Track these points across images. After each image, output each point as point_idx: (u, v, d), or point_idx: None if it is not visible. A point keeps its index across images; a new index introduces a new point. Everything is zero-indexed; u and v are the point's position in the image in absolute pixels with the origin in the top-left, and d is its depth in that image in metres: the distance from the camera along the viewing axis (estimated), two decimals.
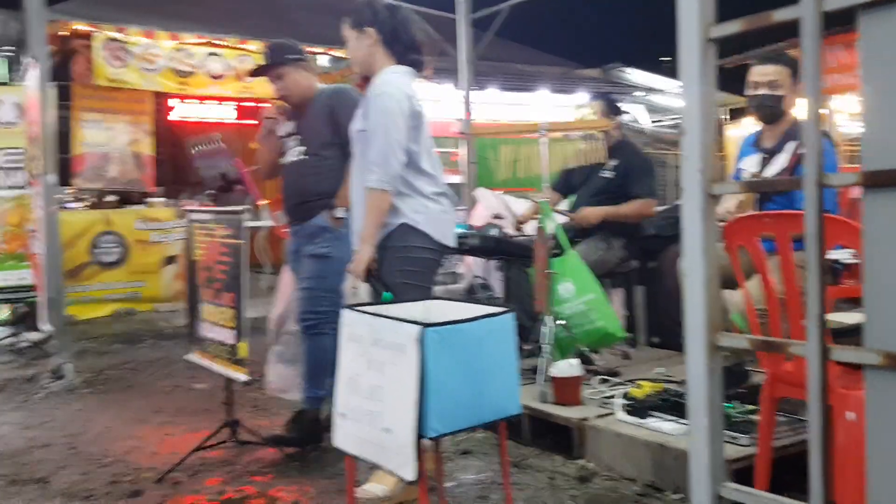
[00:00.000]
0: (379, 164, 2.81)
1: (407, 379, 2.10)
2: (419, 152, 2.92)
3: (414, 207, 2.90)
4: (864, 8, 0.83)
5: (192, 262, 3.88)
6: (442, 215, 2.97)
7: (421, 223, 2.89)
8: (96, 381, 5.03)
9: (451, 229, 3.04)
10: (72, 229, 6.84)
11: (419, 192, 2.92)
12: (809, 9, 0.86)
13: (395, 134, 2.81)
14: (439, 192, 2.98)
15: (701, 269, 1.01)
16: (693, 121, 1.02)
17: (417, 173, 2.93)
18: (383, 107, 2.84)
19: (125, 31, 7.26)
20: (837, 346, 0.86)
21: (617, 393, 3.29)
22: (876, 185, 0.84)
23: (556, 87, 10.61)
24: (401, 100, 2.85)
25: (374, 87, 2.92)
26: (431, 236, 2.92)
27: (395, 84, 2.89)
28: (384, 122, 2.82)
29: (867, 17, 0.84)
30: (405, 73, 2.98)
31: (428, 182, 2.95)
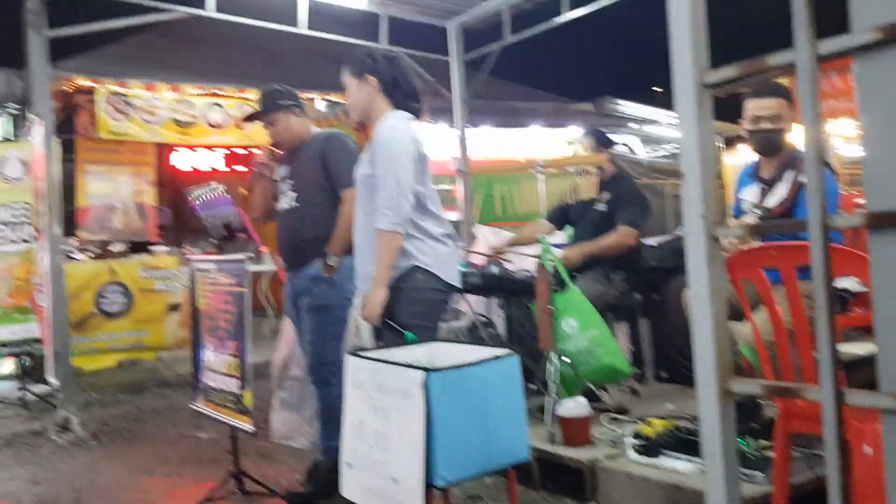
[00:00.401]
0: (390, 207, 2.83)
1: (413, 425, 2.08)
2: (426, 194, 2.96)
3: (423, 250, 2.92)
4: (859, 51, 0.84)
5: (195, 310, 3.87)
6: (450, 256, 3.00)
7: (431, 265, 2.92)
8: (102, 432, 4.99)
9: (457, 269, 3.06)
10: (76, 281, 6.85)
11: (428, 233, 2.95)
12: (805, 53, 0.86)
13: (404, 177, 2.85)
14: (446, 234, 3.02)
15: (709, 313, 1.00)
16: (693, 165, 1.02)
17: (425, 215, 2.96)
18: (392, 151, 2.87)
19: (127, 85, 7.36)
20: (852, 391, 0.85)
21: (627, 431, 3.25)
22: (881, 226, 0.83)
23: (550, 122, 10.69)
24: (408, 143, 2.90)
25: (381, 132, 2.95)
26: (441, 277, 2.94)
27: (401, 129, 2.93)
28: (394, 166, 2.85)
29: (862, 60, 0.84)
30: (407, 119, 3.02)
31: (435, 223, 2.98)
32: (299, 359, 4.34)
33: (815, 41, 0.86)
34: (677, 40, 1.00)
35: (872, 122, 0.84)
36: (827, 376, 0.84)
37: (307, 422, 4.30)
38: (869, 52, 0.83)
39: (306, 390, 4.30)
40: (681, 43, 1.00)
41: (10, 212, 6.38)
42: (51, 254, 5.17)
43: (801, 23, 0.87)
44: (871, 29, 0.82)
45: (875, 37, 0.82)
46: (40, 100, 5.21)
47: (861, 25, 0.84)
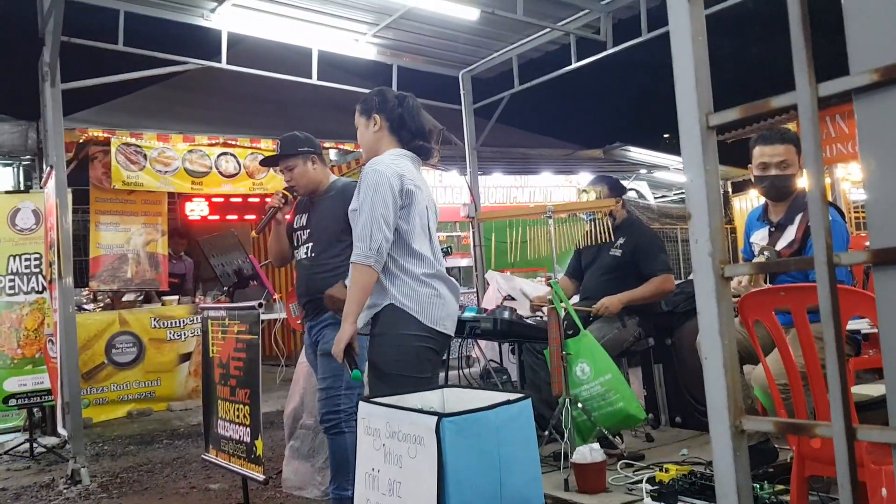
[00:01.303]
0: (362, 238, 2.75)
1: (426, 472, 2.06)
2: (410, 231, 2.87)
3: (402, 290, 2.81)
4: (858, 92, 0.86)
5: (207, 358, 3.88)
6: (434, 299, 2.85)
7: (410, 307, 2.79)
8: (112, 484, 4.96)
9: (446, 314, 2.89)
10: (88, 331, 6.88)
11: (408, 273, 2.84)
12: (805, 94, 0.89)
13: (380, 209, 2.77)
14: (430, 274, 2.88)
15: (719, 351, 1.01)
16: (699, 205, 1.03)
17: (407, 254, 2.86)
18: (371, 182, 2.82)
19: (140, 136, 7.49)
20: (864, 427, 0.85)
21: (643, 478, 3.21)
22: (885, 262, 0.84)
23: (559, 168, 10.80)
24: (391, 176, 2.83)
25: (367, 165, 2.93)
26: (421, 321, 2.80)
27: (385, 163, 2.88)
28: (371, 197, 2.79)
29: (861, 101, 0.86)
30: (403, 156, 2.99)
31: (418, 264, 2.86)
32: (311, 408, 4.32)
33: (814, 83, 0.89)
34: (681, 83, 1.03)
35: (873, 160, 0.86)
36: (837, 411, 0.84)
37: (319, 471, 4.26)
38: (867, 93, 0.86)
39: (318, 439, 4.27)
40: (685, 86, 1.03)
41: (22, 262, 6.45)
42: (62, 304, 5.21)
43: (801, 65, 0.89)
44: (868, 71, 0.85)
45: (872, 79, 0.84)
46: (54, 151, 5.32)
47: (858, 68, 0.86)
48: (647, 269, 4.27)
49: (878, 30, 0.84)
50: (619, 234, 4.42)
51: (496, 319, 4.11)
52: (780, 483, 2.89)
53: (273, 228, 3.75)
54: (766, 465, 3.17)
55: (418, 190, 2.93)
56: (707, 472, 3.10)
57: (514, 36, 6.62)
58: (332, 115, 8.69)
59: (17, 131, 7.56)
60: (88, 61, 5.83)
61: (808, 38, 0.90)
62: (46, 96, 5.37)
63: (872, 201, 0.87)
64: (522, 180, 10.49)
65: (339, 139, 8.34)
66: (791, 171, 3.28)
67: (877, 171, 0.86)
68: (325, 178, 3.72)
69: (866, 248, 0.88)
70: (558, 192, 10.45)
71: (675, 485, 3.02)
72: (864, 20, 0.86)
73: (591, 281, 4.52)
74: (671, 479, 3.07)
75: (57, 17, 4.96)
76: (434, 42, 6.65)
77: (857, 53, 0.87)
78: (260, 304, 3.39)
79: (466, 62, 7.19)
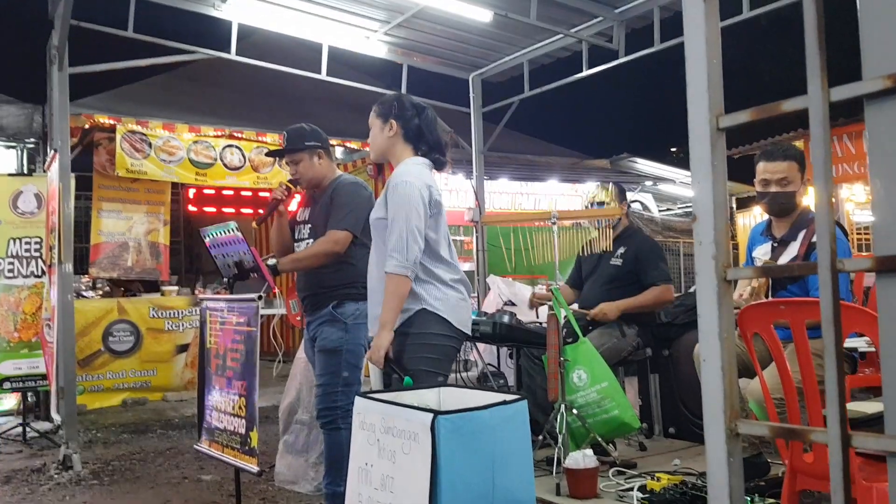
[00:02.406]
0: (399, 250, 2.83)
1: (419, 468, 2.06)
2: (438, 240, 2.96)
3: (434, 294, 2.91)
4: (870, 98, 0.86)
5: (204, 349, 3.88)
6: (460, 303, 2.98)
7: (441, 310, 2.90)
8: (104, 471, 4.95)
9: (468, 316, 3.04)
10: (85, 317, 6.89)
11: (438, 279, 2.94)
12: (817, 98, 0.89)
13: (415, 221, 2.85)
14: (457, 279, 3.00)
15: (717, 354, 1.01)
16: (705, 207, 1.03)
17: (436, 261, 2.96)
18: (404, 194, 2.88)
19: (146, 124, 7.50)
20: (859, 434, 0.84)
21: (634, 486, 3.20)
22: (889, 269, 0.84)
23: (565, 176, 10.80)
24: (421, 188, 2.90)
25: (395, 176, 2.98)
26: (452, 323, 2.92)
27: (415, 174, 2.95)
28: (405, 209, 2.86)
29: (872, 107, 0.86)
30: (424, 164, 3.05)
31: (447, 270, 2.98)
32: (307, 403, 4.32)
33: (826, 87, 0.89)
34: (693, 84, 1.03)
35: (881, 166, 0.86)
36: (834, 416, 0.84)
37: (312, 467, 4.26)
38: (879, 99, 0.86)
39: (312, 435, 4.27)
40: (696, 87, 1.02)
41: (23, 246, 6.45)
42: (61, 289, 5.21)
43: (814, 70, 0.89)
44: (881, 77, 0.84)
45: (885, 85, 0.84)
46: (59, 135, 5.32)
47: (871, 73, 0.86)
48: (646, 279, 4.28)
49: (893, 35, 0.84)
50: (619, 243, 4.42)
51: (496, 323, 4.11)
52: (770, 497, 2.89)
53: (276, 220, 3.75)
54: (758, 478, 3.16)
55: (442, 199, 3.04)
56: (698, 483, 3.10)
57: (526, 40, 6.62)
58: (339, 112, 8.70)
59: (23, 114, 7.57)
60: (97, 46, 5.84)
61: (823, 44, 0.90)
62: (53, 80, 5.37)
63: (879, 208, 0.87)
64: (528, 187, 10.49)
65: (347, 137, 8.34)
66: (792, 188, 3.28)
67: (885, 178, 0.86)
68: (330, 173, 3.71)
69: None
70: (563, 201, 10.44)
71: (666, 494, 3.02)
72: (878, 25, 0.86)
73: (590, 290, 4.51)
74: (662, 488, 3.07)
75: (67, 1, 4.97)
76: (445, 43, 6.65)
77: (870, 59, 0.86)
78: (260, 296, 3.39)
79: (477, 65, 7.20)
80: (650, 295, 4.24)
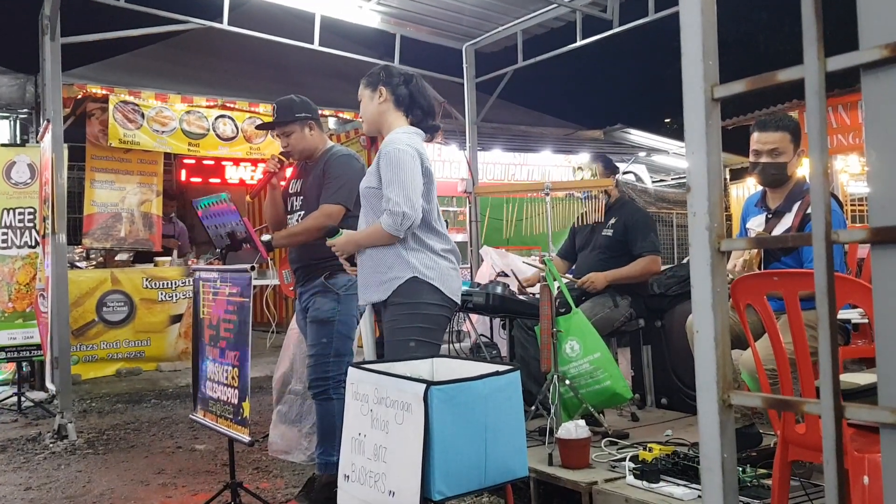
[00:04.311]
0: (394, 213, 2.82)
1: (412, 438, 2.07)
2: (430, 210, 2.98)
3: (425, 263, 2.92)
4: (866, 68, 0.85)
5: (198, 319, 3.87)
6: (451, 272, 3.00)
7: (433, 279, 2.91)
8: (98, 441, 4.98)
9: (459, 286, 3.05)
10: (79, 288, 6.87)
11: (430, 248, 2.95)
12: (813, 68, 0.88)
13: (409, 185, 2.85)
14: (448, 249, 3.02)
15: (711, 325, 1.01)
16: (699, 178, 1.02)
17: (428, 230, 2.97)
18: (397, 160, 2.87)
19: (138, 95, 7.43)
20: (852, 405, 0.85)
21: (626, 456, 3.23)
22: (885, 241, 0.84)
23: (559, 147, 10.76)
24: (413, 156, 2.91)
25: (386, 143, 2.96)
26: (444, 292, 2.94)
27: (405, 141, 2.94)
28: (400, 173, 2.85)
29: (869, 77, 0.85)
30: (417, 134, 3.05)
31: (438, 239, 2.99)
32: (300, 373, 4.34)
33: (823, 57, 0.88)
34: (688, 54, 1.02)
35: (878, 137, 0.85)
36: (828, 387, 0.84)
37: (305, 437, 4.28)
38: (875, 69, 0.85)
39: (305, 405, 4.29)
40: (691, 57, 1.01)
41: (17, 216, 6.43)
42: (54, 260, 5.20)
43: (811, 39, 0.88)
44: (878, 47, 0.83)
45: (882, 54, 0.83)
46: (51, 105, 5.26)
47: (868, 43, 0.85)
48: (634, 249, 4.29)
49: (890, 4, 0.83)
50: (611, 214, 4.43)
51: (489, 294, 4.11)
52: (762, 467, 2.92)
53: (268, 193, 3.73)
54: (750, 448, 3.19)
55: (432, 169, 3.04)
56: (690, 454, 3.13)
57: (520, 10, 6.54)
58: (332, 82, 8.62)
59: (16, 84, 7.48)
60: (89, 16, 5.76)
61: (820, 12, 0.88)
62: (46, 50, 5.31)
63: (875, 179, 0.86)
64: (521, 158, 10.44)
65: (339, 107, 8.28)
66: (783, 159, 3.25)
67: (881, 149, 0.85)
68: (321, 144, 3.69)
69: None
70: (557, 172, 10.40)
71: (658, 464, 3.04)
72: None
73: (583, 261, 4.52)
74: (654, 458, 3.09)
75: None
76: (438, 13, 6.57)
77: (867, 28, 0.85)
78: (252, 267, 3.37)
79: (470, 35, 7.12)
80: (637, 266, 4.26)
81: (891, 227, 0.83)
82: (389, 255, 2.92)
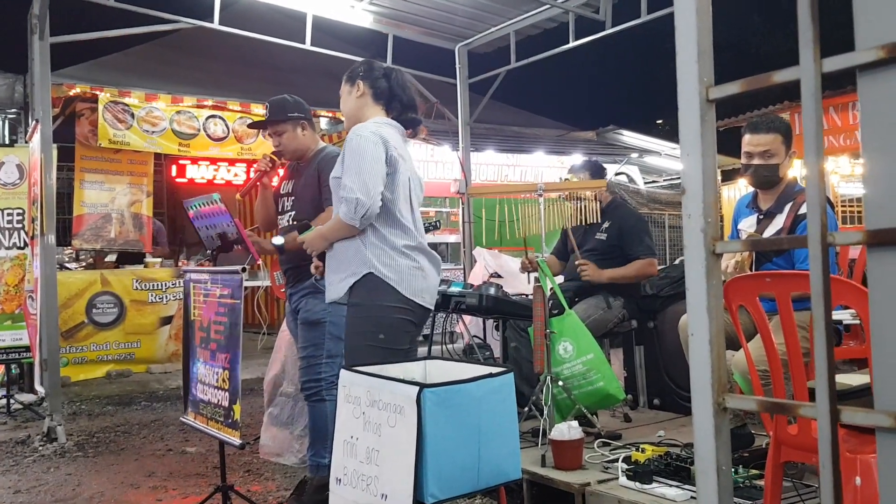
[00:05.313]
0: (349, 201, 2.73)
1: (405, 441, 2.06)
2: (394, 200, 2.85)
3: (382, 260, 2.80)
4: (863, 69, 0.84)
5: (188, 321, 3.85)
6: (414, 271, 2.84)
7: (390, 278, 2.79)
8: (88, 443, 4.94)
9: (425, 286, 2.88)
10: (69, 289, 6.83)
11: (390, 244, 2.83)
12: (809, 69, 0.87)
13: (367, 173, 2.74)
14: (412, 246, 2.88)
15: (706, 327, 1.00)
16: (694, 180, 1.02)
17: (390, 224, 2.85)
18: (356, 147, 2.78)
19: (128, 95, 7.39)
20: (848, 409, 0.84)
21: (619, 457, 3.23)
22: (881, 243, 0.83)
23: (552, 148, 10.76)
24: (376, 143, 2.80)
25: (352, 132, 2.89)
26: (401, 292, 2.80)
27: (369, 129, 2.85)
28: (357, 161, 2.76)
29: (865, 78, 0.85)
30: (388, 125, 2.96)
31: (401, 235, 2.86)
32: (291, 375, 4.32)
33: (819, 59, 0.87)
34: (683, 55, 1.01)
35: (874, 139, 0.85)
36: (823, 390, 0.83)
37: (297, 439, 4.26)
38: (872, 70, 0.84)
39: (297, 407, 4.27)
40: (686, 58, 1.00)
41: (5, 217, 6.38)
42: (44, 261, 5.16)
43: (807, 40, 0.88)
44: (874, 48, 0.83)
45: (878, 55, 0.82)
46: (40, 105, 5.23)
47: (864, 44, 0.84)
48: (630, 252, 4.28)
49: (887, 4, 0.83)
50: (604, 217, 4.42)
51: (482, 295, 4.11)
52: (755, 468, 2.92)
53: (259, 192, 3.72)
54: (742, 449, 3.19)
55: (402, 160, 2.92)
56: (682, 454, 3.12)
57: (513, 11, 6.54)
58: (324, 82, 8.58)
59: (5, 84, 7.44)
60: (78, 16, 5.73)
61: (816, 13, 0.88)
62: (34, 49, 5.27)
63: (871, 181, 0.86)
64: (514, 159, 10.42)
65: (331, 108, 8.25)
66: (775, 160, 3.26)
67: (877, 150, 0.85)
68: (313, 144, 3.68)
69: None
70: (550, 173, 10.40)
71: (651, 465, 3.04)
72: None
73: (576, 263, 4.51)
74: (647, 459, 3.09)
75: None
76: (431, 13, 6.56)
77: (864, 29, 0.85)
78: (243, 268, 3.35)
79: (463, 35, 7.11)
80: (633, 268, 4.25)
81: (887, 229, 0.82)
82: (350, 251, 2.84)
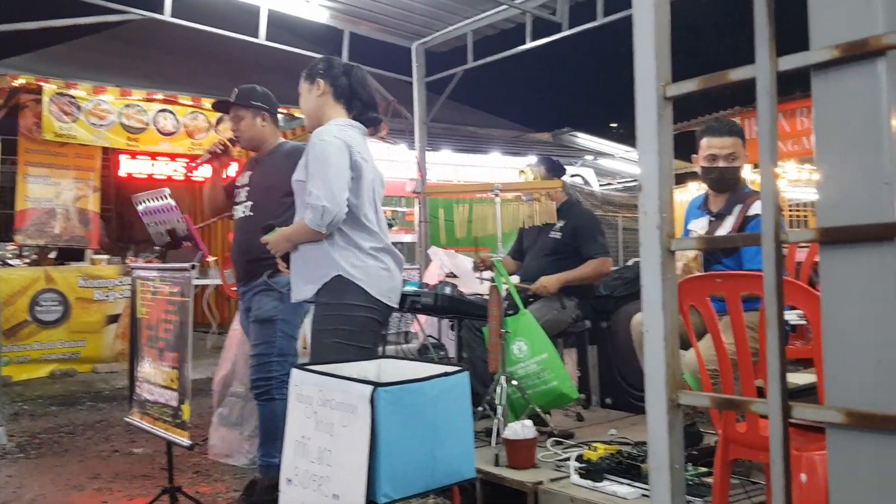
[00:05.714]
0: (315, 208, 2.72)
1: (357, 441, 2.03)
2: (359, 205, 2.86)
3: (351, 261, 2.81)
4: (817, 68, 0.85)
5: (135, 319, 3.76)
6: (382, 272, 2.87)
7: (359, 279, 2.80)
8: (30, 445, 4.79)
9: (391, 287, 2.91)
10: (11, 286, 6.62)
11: (357, 246, 2.84)
12: (765, 68, 0.87)
13: (334, 179, 2.74)
14: (379, 248, 2.90)
15: (660, 324, 1.00)
16: (651, 177, 1.02)
17: (356, 227, 2.85)
18: (321, 152, 2.77)
19: (75, 87, 7.19)
20: (798, 405, 0.85)
21: (571, 455, 3.24)
22: (833, 241, 0.84)
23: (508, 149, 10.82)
24: (340, 148, 2.79)
25: (315, 135, 2.86)
26: (369, 293, 2.82)
27: (333, 133, 2.84)
28: (323, 167, 2.75)
29: (820, 77, 0.85)
30: (351, 126, 2.95)
31: (367, 237, 2.87)
32: (242, 375, 4.25)
33: (775, 57, 0.87)
34: (640, 52, 1.01)
35: (827, 138, 0.85)
36: (775, 386, 0.84)
37: (247, 439, 4.20)
38: (826, 69, 0.85)
39: (247, 408, 4.20)
40: (644, 54, 1.00)
41: None
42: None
43: (763, 39, 0.88)
44: (828, 47, 0.84)
45: (832, 55, 0.83)
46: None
47: (819, 43, 0.85)
48: (585, 252, 4.32)
49: (841, 3, 0.83)
50: (559, 216, 4.44)
51: (437, 295, 4.09)
52: (703, 465, 2.96)
53: (211, 178, 3.72)
54: (691, 447, 3.24)
55: (366, 163, 2.91)
56: (634, 452, 3.15)
57: (471, 10, 6.54)
58: (279, 78, 8.44)
59: None
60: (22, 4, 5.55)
61: (772, 13, 0.88)
62: None
63: (824, 180, 0.86)
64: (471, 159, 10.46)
65: (286, 104, 8.14)
66: (738, 163, 3.34)
67: (830, 150, 0.86)
68: (272, 138, 3.68)
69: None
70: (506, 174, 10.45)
71: (603, 463, 3.06)
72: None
73: (531, 262, 4.53)
74: (599, 457, 3.11)
75: None
76: (388, 10, 6.52)
77: (818, 28, 0.85)
78: (193, 265, 3.29)
79: (420, 34, 7.09)
80: (588, 268, 4.28)
81: (839, 227, 0.83)
82: (318, 253, 2.83)
